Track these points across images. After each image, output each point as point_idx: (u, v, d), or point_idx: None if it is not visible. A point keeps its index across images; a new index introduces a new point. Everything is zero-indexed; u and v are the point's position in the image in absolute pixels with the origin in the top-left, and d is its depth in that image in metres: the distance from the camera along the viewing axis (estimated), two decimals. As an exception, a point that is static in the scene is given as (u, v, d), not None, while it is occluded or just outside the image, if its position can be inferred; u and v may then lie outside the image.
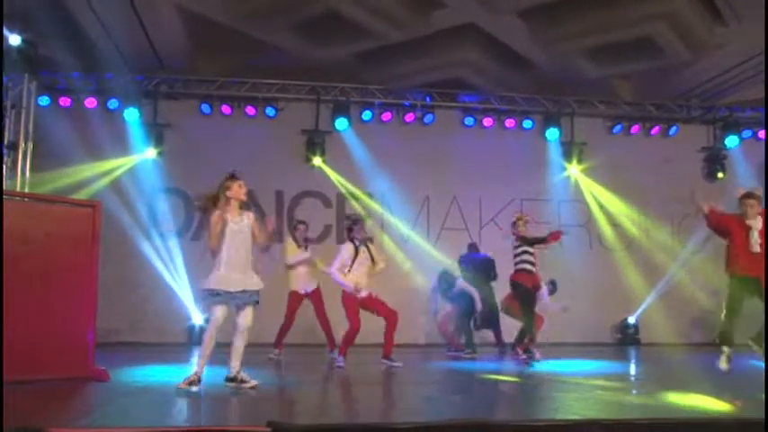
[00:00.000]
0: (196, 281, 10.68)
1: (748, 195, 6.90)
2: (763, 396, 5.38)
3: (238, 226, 5.68)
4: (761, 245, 6.59)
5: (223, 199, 5.71)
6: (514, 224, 8.61)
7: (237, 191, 5.70)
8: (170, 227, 10.91)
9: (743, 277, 6.64)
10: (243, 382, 5.70)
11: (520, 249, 8.47)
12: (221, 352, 5.61)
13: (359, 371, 7.40)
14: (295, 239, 8.55)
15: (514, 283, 8.53)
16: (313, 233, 9.61)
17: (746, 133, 12.15)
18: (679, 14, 9.49)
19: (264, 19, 9.68)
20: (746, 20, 9.36)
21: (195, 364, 5.75)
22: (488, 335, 9.91)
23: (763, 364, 7.80)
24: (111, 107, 10.77)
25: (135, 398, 5.38)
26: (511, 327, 9.22)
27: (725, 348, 6.64)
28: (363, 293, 7.60)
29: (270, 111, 11.22)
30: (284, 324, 8.43)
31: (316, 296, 8.50)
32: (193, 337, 10.63)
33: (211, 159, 10.94)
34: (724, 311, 6.78)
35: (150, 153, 10.91)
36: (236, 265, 5.63)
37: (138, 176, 10.86)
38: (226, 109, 11.16)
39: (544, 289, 9.03)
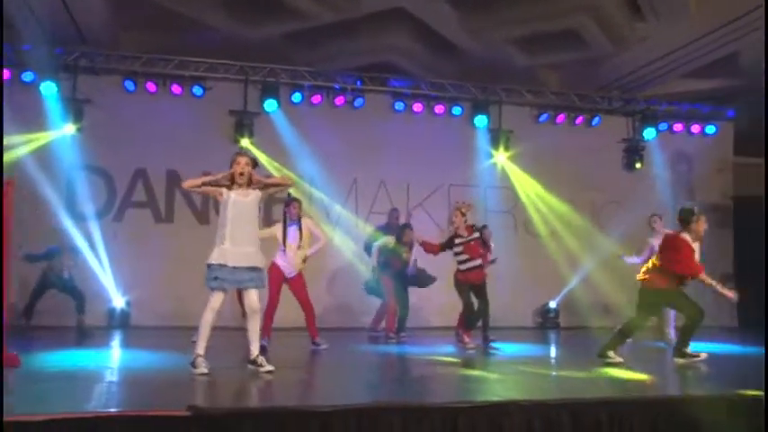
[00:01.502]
0: (117, 263, 10.41)
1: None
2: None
3: (247, 199, 5.64)
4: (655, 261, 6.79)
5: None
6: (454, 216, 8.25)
7: (235, 167, 5.68)
8: (89, 206, 10.53)
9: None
10: (261, 365, 5.72)
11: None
12: (135, 335, 5.45)
13: (283, 354, 7.35)
14: None
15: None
16: None
17: (663, 126, 12.65)
18: (602, 8, 9.77)
19: (193, -5, 9.41)
20: (663, 17, 9.73)
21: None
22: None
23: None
24: (26, 80, 10.25)
25: (47, 384, 5.20)
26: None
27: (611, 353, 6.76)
28: (292, 273, 7.71)
29: (197, 90, 10.90)
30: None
31: None
32: (113, 321, 10.35)
33: (134, 137, 10.64)
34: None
35: (69, 129, 10.45)
36: (241, 240, 5.59)
37: (56, 153, 10.37)
38: (150, 86, 10.76)
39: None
